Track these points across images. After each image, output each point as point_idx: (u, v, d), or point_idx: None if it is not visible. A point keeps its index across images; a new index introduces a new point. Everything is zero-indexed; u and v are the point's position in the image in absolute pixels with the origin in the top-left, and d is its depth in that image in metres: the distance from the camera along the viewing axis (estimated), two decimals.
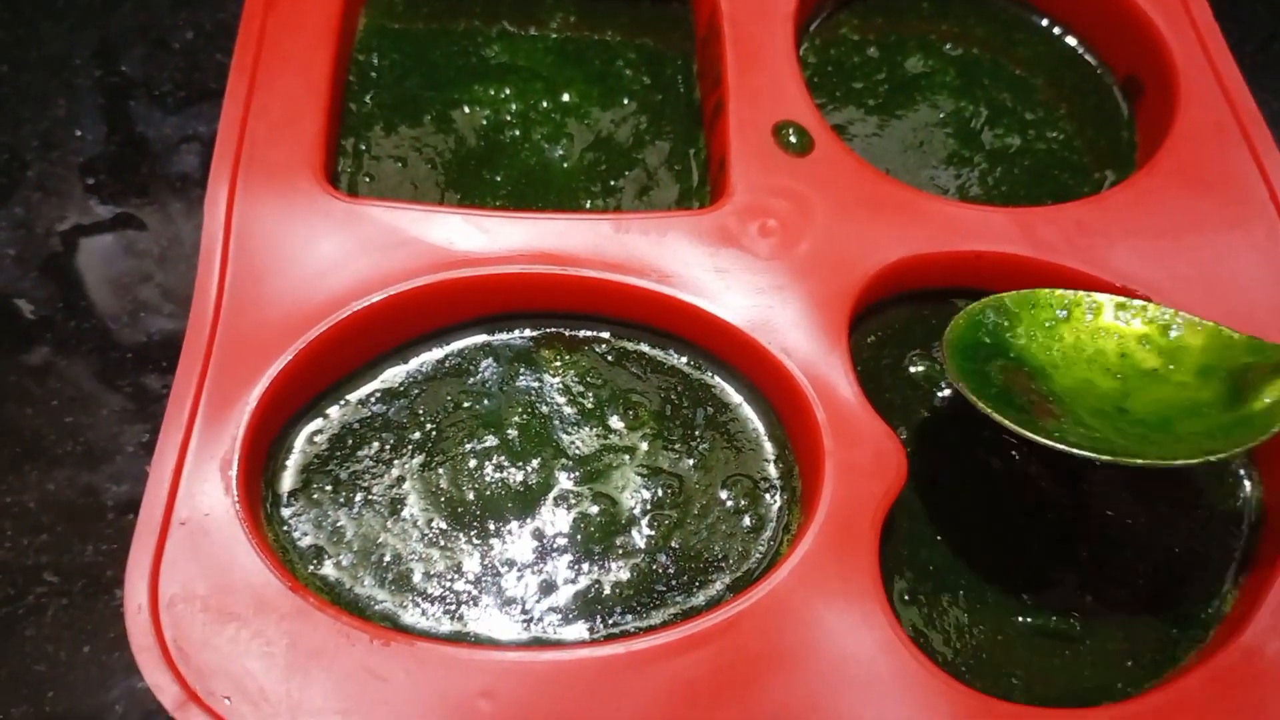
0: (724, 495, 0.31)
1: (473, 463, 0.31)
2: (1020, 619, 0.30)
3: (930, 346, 0.34)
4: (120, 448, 0.35)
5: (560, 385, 0.32)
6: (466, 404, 0.32)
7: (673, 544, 0.30)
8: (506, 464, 0.31)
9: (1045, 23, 0.42)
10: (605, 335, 0.33)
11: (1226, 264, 0.34)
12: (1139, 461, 0.28)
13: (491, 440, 0.31)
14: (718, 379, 0.33)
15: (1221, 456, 0.28)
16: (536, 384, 0.32)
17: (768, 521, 0.31)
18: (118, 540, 0.33)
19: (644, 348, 0.33)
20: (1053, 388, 0.31)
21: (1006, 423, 0.28)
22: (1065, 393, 0.31)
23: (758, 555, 0.30)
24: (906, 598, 0.30)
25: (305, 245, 0.32)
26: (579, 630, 0.29)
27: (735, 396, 0.33)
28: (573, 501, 0.30)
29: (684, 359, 0.33)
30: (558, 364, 0.33)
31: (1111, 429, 0.30)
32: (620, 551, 0.30)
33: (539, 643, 0.28)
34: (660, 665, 0.27)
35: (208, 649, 0.26)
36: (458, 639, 0.28)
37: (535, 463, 0.31)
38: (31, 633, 0.32)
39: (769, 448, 0.32)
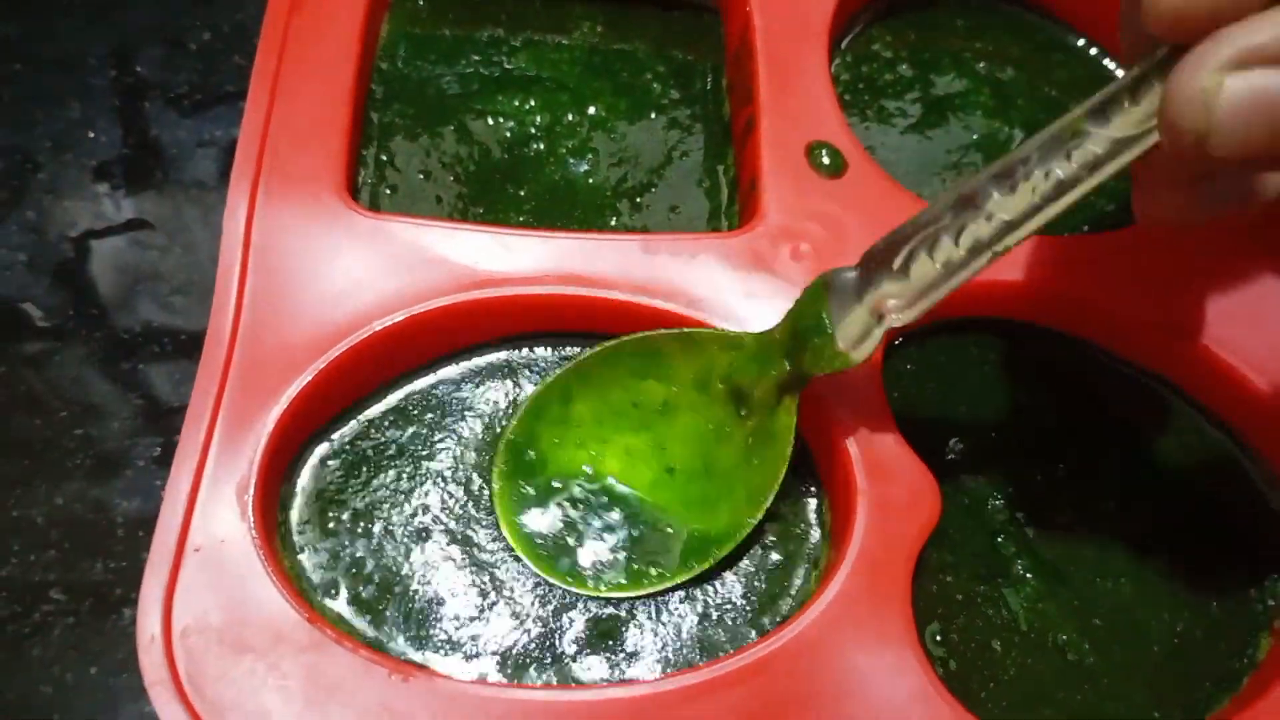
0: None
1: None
2: (1049, 666, 0.29)
3: (965, 379, 0.33)
4: (131, 461, 0.34)
5: None
6: (491, 428, 0.31)
7: (698, 579, 0.29)
8: None
9: (1082, 43, 0.41)
10: None
11: (1273, 298, 0.33)
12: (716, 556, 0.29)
13: None
14: None
15: (772, 496, 0.29)
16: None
17: (797, 558, 0.30)
18: (127, 558, 0.32)
19: None
20: (608, 486, 0.30)
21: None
22: (615, 482, 0.30)
23: (786, 593, 0.29)
24: (938, 637, 0.29)
25: (327, 262, 0.31)
26: (604, 669, 0.28)
27: None
28: None
29: None
30: None
31: (675, 500, 0.30)
32: (645, 585, 0.29)
33: (562, 681, 0.27)
34: (688, 708, 0.26)
35: (223, 682, 0.25)
36: (479, 676, 0.27)
37: None
38: (38, 653, 0.31)
39: (797, 482, 0.31)
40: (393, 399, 0.31)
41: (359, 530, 0.29)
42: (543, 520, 0.29)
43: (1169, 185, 0.26)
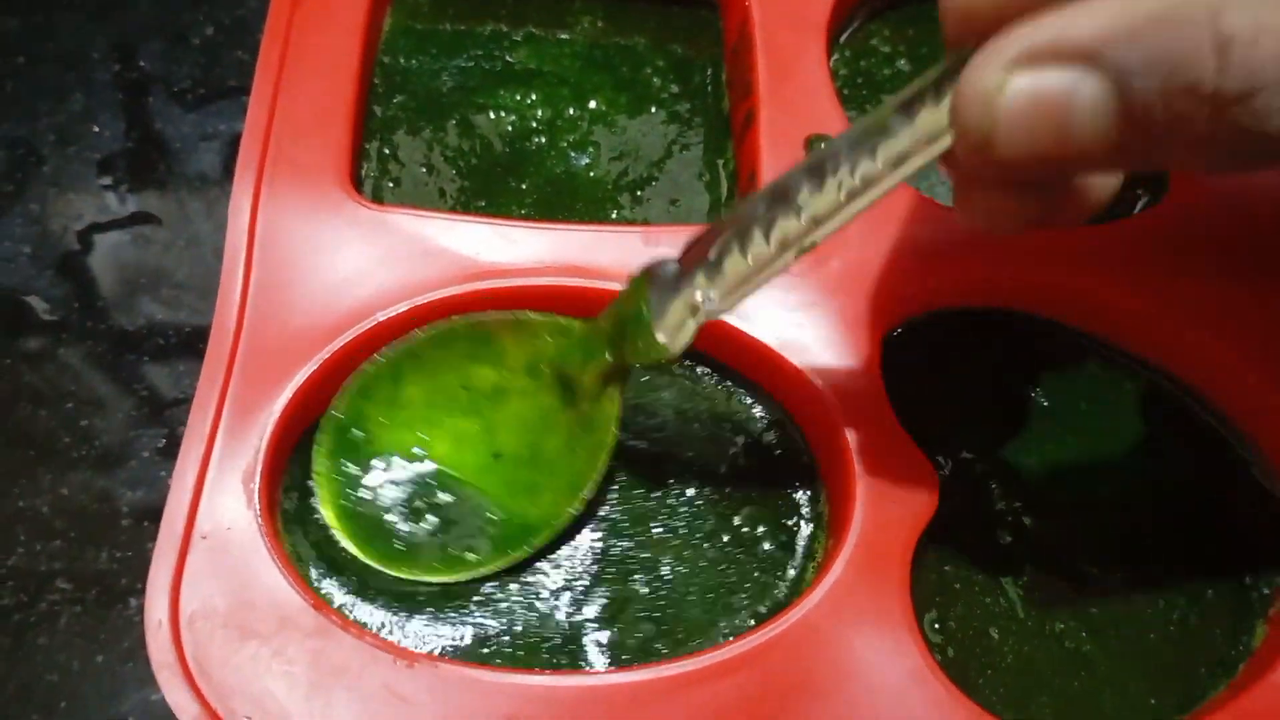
0: (749, 518, 0.30)
1: None
2: (1047, 654, 0.30)
3: (962, 364, 0.34)
4: (135, 452, 0.34)
5: None
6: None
7: (698, 567, 0.30)
8: None
9: None
10: None
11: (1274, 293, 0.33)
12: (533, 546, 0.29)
13: None
14: (744, 398, 0.32)
15: (589, 494, 0.29)
16: None
17: (794, 546, 0.30)
18: (132, 547, 0.33)
19: None
20: (433, 470, 0.30)
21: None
22: (443, 466, 0.30)
23: (784, 581, 0.30)
24: (936, 625, 0.29)
25: (331, 253, 0.31)
26: (605, 655, 0.28)
27: (762, 417, 0.32)
28: (595, 523, 0.30)
29: (711, 377, 0.33)
30: None
31: (500, 485, 0.30)
32: (644, 575, 0.29)
33: (564, 667, 0.28)
34: (689, 692, 0.26)
35: (228, 667, 0.25)
36: (482, 661, 0.27)
37: None
38: (44, 641, 0.31)
39: (796, 471, 0.31)
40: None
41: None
42: (364, 500, 0.29)
43: (979, 188, 0.24)
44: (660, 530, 0.30)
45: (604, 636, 0.28)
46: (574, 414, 0.30)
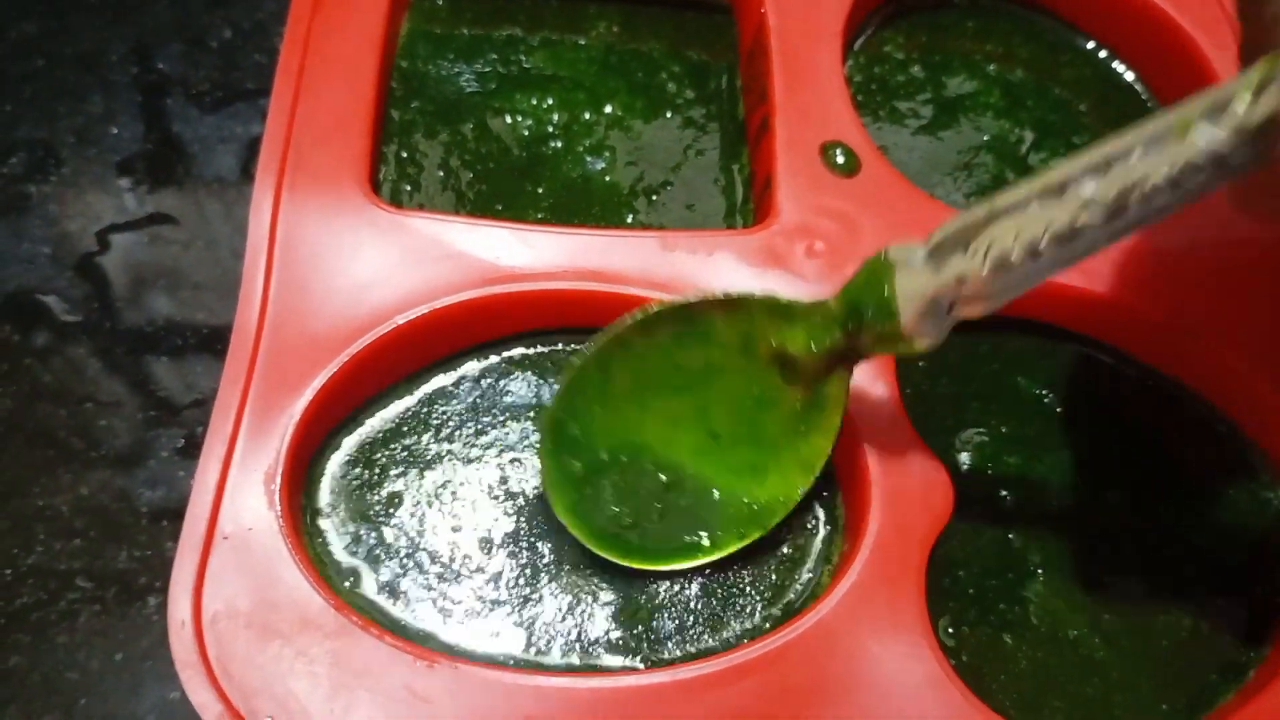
0: None
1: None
2: (1060, 659, 0.30)
3: (977, 376, 0.34)
4: (154, 452, 0.34)
5: None
6: (509, 419, 0.31)
7: (715, 570, 0.30)
8: None
9: (1091, 45, 0.42)
10: None
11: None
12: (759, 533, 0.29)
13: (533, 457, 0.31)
14: None
15: (822, 465, 0.29)
16: None
17: (808, 551, 0.30)
18: (151, 546, 0.33)
19: None
20: (652, 455, 0.30)
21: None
22: (659, 450, 0.30)
23: (798, 586, 0.30)
24: (950, 630, 0.30)
25: (350, 256, 0.31)
26: (622, 656, 0.28)
27: None
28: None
29: None
30: None
31: (721, 466, 0.29)
32: (662, 577, 0.29)
33: (584, 668, 0.28)
34: (706, 695, 0.26)
35: (251, 667, 0.26)
36: (501, 662, 0.28)
37: None
38: (64, 639, 0.31)
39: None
40: (415, 391, 0.32)
41: (383, 519, 0.30)
42: (592, 495, 0.29)
43: (1272, 191, 0.25)
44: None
45: (621, 638, 0.29)
46: (795, 394, 0.29)
